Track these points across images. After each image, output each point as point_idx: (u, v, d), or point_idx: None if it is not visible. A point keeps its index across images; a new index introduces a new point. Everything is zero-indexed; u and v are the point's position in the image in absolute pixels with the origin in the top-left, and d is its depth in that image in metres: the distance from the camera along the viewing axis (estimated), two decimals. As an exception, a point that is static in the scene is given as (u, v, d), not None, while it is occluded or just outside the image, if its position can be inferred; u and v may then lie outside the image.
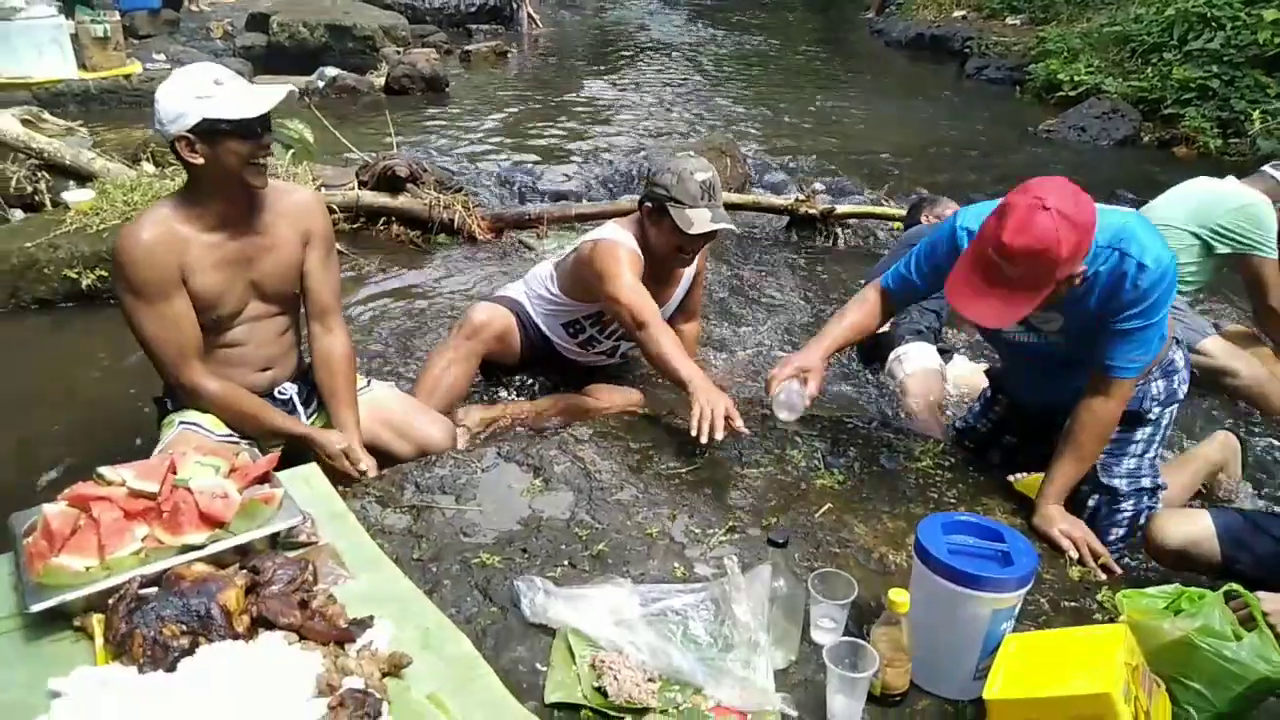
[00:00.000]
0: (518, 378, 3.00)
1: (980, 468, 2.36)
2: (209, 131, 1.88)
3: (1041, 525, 2.05)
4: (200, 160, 1.91)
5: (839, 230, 4.65)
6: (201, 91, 1.86)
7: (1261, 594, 1.65)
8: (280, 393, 2.26)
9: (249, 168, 1.95)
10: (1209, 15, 7.33)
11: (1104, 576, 1.94)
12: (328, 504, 1.71)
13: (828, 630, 1.63)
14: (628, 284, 2.50)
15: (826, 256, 4.49)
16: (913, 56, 11.56)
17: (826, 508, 2.05)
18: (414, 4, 11.94)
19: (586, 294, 2.71)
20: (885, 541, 1.96)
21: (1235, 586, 1.58)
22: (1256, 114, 6.30)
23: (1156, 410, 2.20)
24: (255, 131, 1.92)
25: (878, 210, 4.78)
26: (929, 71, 10.61)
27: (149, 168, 4.54)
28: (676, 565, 1.83)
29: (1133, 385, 2.06)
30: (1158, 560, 2.12)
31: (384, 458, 2.26)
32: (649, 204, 2.60)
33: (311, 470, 1.84)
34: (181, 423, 2.11)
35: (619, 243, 2.61)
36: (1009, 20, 11.31)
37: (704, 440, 2.15)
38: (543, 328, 2.88)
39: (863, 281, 3.27)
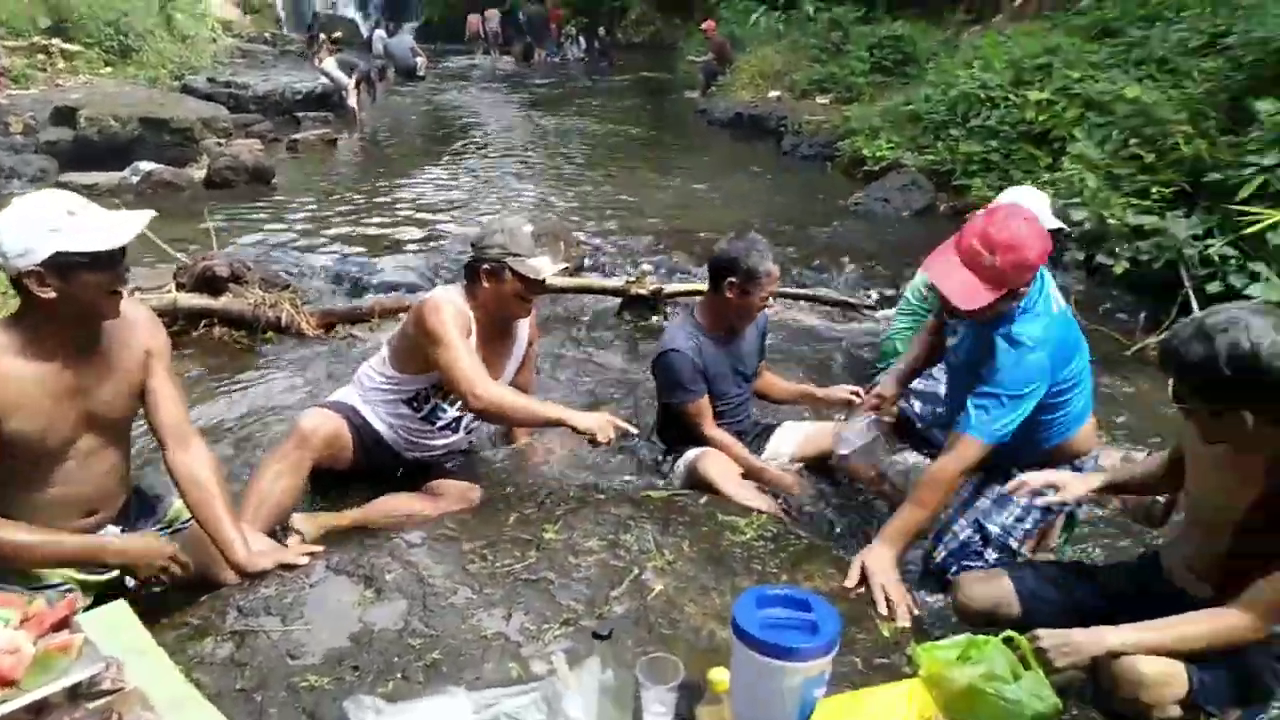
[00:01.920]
0: (353, 485, 2.91)
1: (801, 535, 2.51)
2: (62, 265, 1.78)
3: (867, 565, 2.21)
4: (52, 294, 1.80)
5: (669, 308, 4.85)
6: (53, 224, 1.76)
7: (1037, 630, 1.84)
8: None
9: (106, 298, 1.87)
10: (984, 96, 8.21)
11: (907, 623, 2.10)
12: (135, 643, 1.63)
13: (658, 715, 1.68)
14: (457, 347, 2.56)
15: (658, 335, 4.67)
16: (734, 135, 12.27)
17: (658, 590, 2.13)
18: (236, 93, 11.69)
19: (421, 361, 2.71)
20: (713, 618, 2.04)
21: (1011, 632, 1.76)
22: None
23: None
24: (114, 261, 1.84)
25: (705, 287, 5.02)
26: (749, 149, 11.28)
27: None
28: (513, 666, 1.85)
29: (978, 447, 2.28)
30: (966, 621, 2.25)
31: (214, 588, 2.15)
32: (485, 265, 2.66)
33: (118, 608, 1.75)
34: None
35: (445, 301, 2.66)
36: (818, 100, 12.22)
37: (606, 442, 2.47)
38: (378, 423, 2.83)
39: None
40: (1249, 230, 4.80)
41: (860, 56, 12.23)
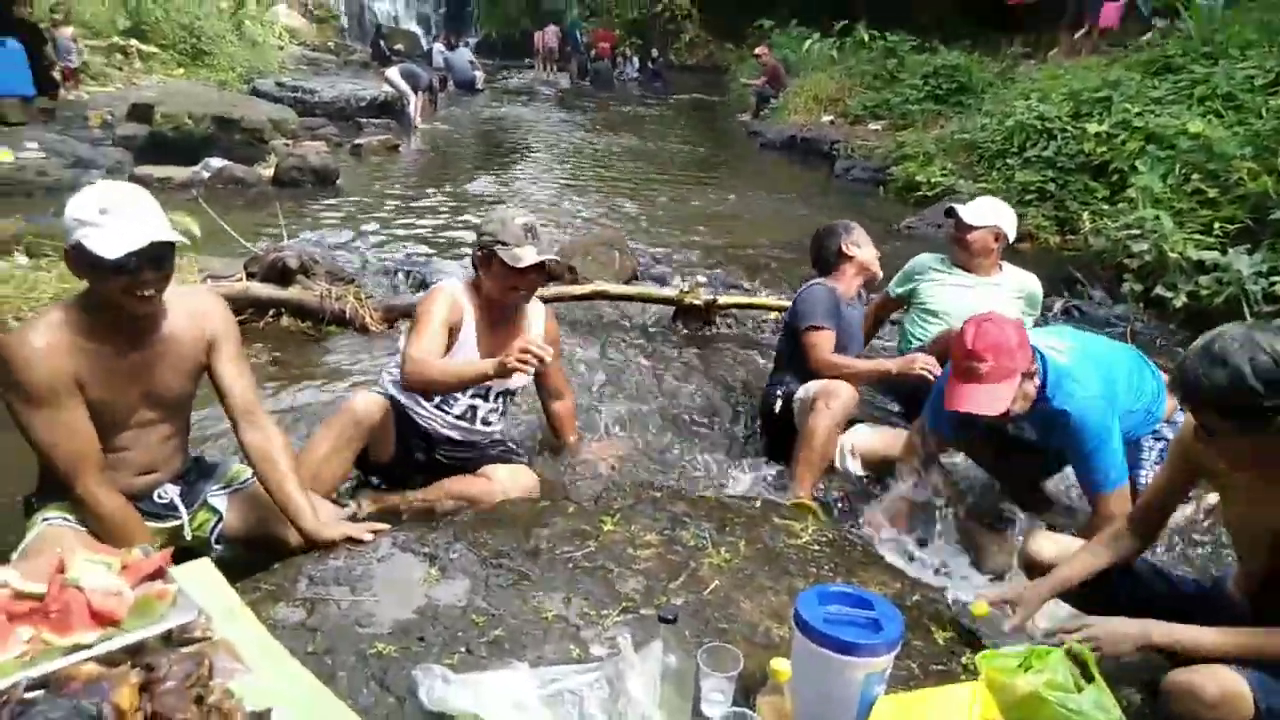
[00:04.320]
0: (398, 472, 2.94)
1: (854, 542, 2.52)
2: (82, 258, 1.86)
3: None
4: (83, 278, 1.92)
5: (721, 320, 4.89)
6: (86, 216, 1.83)
7: (1094, 628, 1.86)
8: (160, 495, 2.23)
9: (130, 299, 1.92)
10: (1041, 127, 8.16)
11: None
12: (222, 599, 1.70)
13: (716, 703, 1.71)
14: (422, 326, 2.68)
15: (710, 344, 4.71)
16: (787, 157, 12.32)
17: (715, 585, 2.16)
18: (304, 98, 12.01)
19: None
20: (770, 616, 2.07)
21: (1073, 644, 1.76)
22: (1086, 214, 7.00)
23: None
24: (129, 268, 1.87)
25: (757, 301, 5.05)
26: (801, 171, 11.32)
27: (21, 259, 4.39)
28: (572, 647, 1.89)
29: (1120, 495, 2.49)
30: (1028, 573, 2.35)
31: (278, 546, 2.25)
32: (479, 251, 2.77)
33: (203, 565, 1.83)
34: (45, 519, 2.04)
35: (441, 289, 2.82)
36: (871, 126, 12.22)
37: (524, 363, 2.40)
38: (403, 398, 2.86)
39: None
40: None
41: (914, 84, 12.23)
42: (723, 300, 4.92)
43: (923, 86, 12.02)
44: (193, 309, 2.15)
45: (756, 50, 16.67)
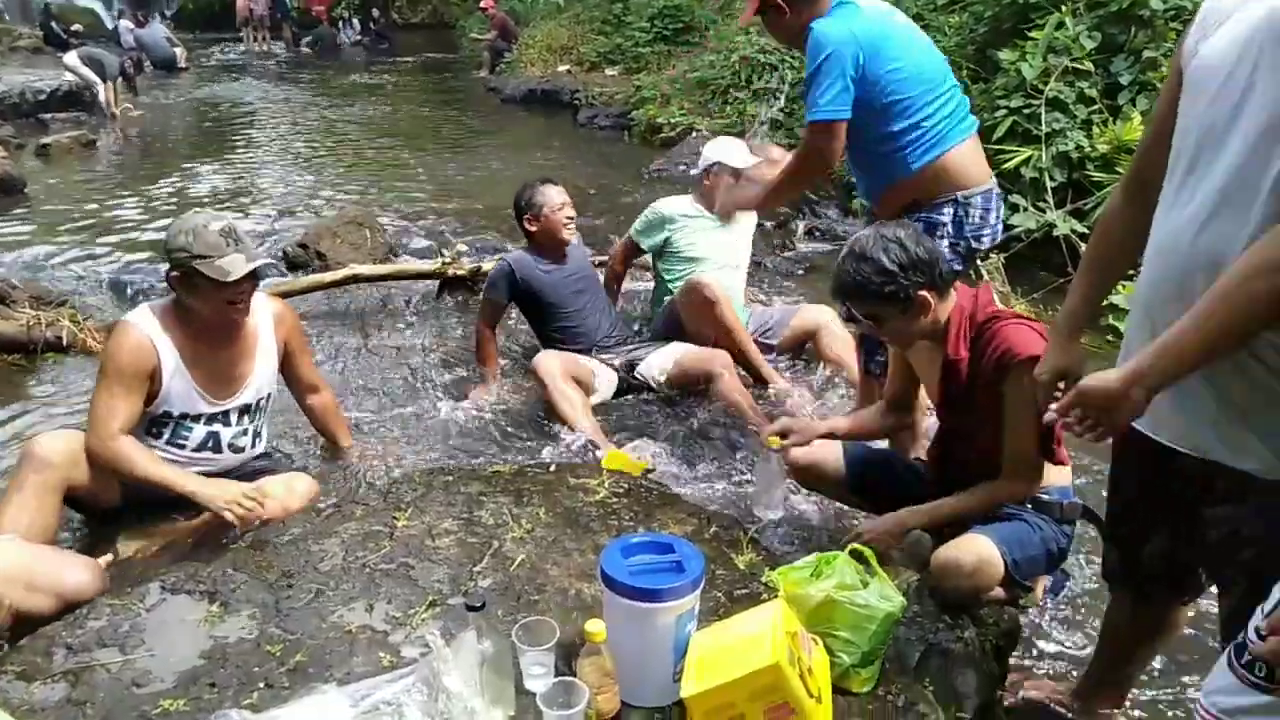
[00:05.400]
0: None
1: (649, 487, 2.59)
2: None
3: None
4: None
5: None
6: None
7: (863, 531, 2.22)
8: None
9: None
10: (764, 60, 8.62)
11: None
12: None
13: (538, 676, 1.71)
14: (104, 386, 2.38)
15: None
16: (529, 111, 12.21)
17: (520, 559, 2.14)
18: (-36, 96, 10.34)
19: None
20: (578, 577, 2.08)
21: (856, 545, 1.91)
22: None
23: None
24: None
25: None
26: (546, 123, 11.26)
27: None
28: (383, 655, 1.82)
29: (822, 129, 2.73)
30: (795, 479, 2.65)
31: (19, 622, 1.96)
32: (175, 272, 2.41)
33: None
34: None
35: (126, 328, 2.42)
36: (608, 72, 12.36)
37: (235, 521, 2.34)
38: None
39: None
40: (1005, 166, 5.35)
41: (642, 27, 12.46)
42: (486, 266, 4.82)
43: (650, 29, 12.27)
44: None
45: (482, 3, 16.27)
